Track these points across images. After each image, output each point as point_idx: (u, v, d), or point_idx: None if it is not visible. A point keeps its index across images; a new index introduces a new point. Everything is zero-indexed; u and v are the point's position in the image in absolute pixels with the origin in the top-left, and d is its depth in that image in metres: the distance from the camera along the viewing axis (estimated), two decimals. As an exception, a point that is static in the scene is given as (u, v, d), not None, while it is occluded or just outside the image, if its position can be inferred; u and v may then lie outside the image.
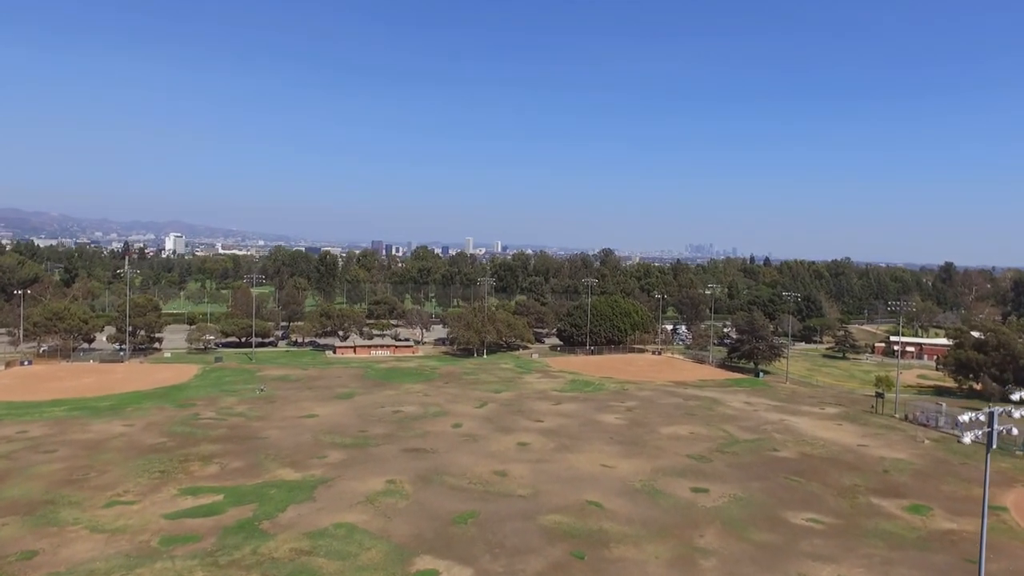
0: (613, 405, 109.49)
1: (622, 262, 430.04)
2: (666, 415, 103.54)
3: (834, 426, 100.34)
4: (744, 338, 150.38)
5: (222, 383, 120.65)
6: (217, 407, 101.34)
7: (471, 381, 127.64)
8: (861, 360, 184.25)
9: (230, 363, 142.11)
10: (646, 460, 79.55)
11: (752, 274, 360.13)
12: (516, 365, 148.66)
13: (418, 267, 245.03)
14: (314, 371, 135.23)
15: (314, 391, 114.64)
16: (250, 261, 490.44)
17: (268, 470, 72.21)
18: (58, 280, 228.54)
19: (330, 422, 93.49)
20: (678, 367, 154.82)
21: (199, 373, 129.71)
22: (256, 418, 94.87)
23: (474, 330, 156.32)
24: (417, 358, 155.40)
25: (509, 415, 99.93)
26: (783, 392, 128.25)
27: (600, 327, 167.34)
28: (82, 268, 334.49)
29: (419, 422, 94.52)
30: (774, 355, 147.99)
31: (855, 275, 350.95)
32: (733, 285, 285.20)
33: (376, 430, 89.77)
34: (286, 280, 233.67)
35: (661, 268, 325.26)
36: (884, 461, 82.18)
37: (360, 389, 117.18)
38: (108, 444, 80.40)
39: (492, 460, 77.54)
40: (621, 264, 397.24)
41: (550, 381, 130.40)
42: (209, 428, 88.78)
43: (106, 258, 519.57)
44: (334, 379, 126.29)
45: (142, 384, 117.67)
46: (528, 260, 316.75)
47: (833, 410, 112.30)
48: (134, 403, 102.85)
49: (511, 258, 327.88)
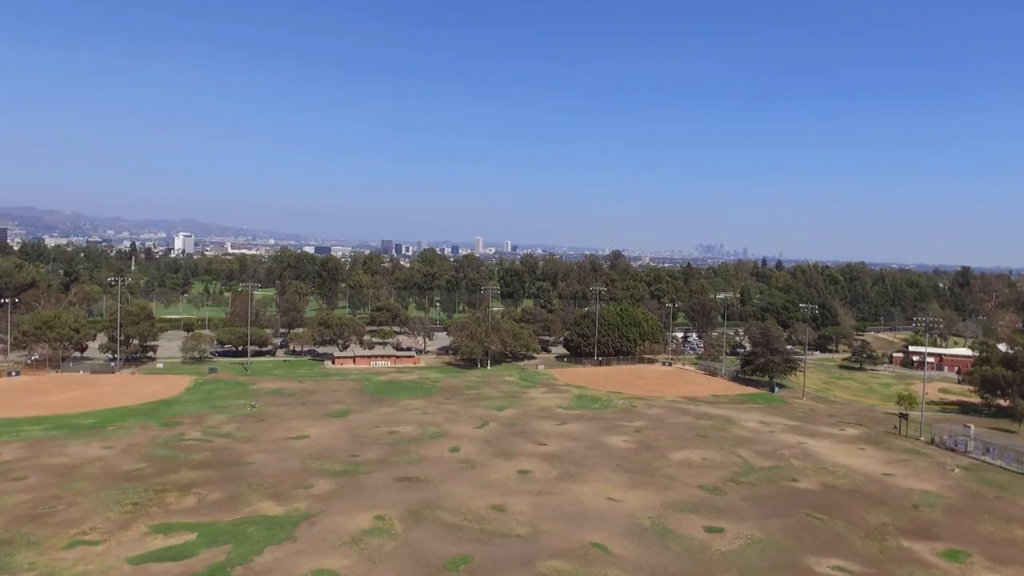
0: (621, 425, 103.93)
1: (632, 263, 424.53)
2: (677, 437, 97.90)
3: (856, 451, 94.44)
4: (758, 351, 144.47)
5: (213, 398, 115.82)
6: (204, 426, 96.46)
7: (473, 396, 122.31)
8: (879, 371, 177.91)
9: (224, 374, 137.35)
10: (656, 492, 74.02)
11: (764, 278, 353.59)
12: (520, 378, 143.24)
13: (423, 272, 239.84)
14: (310, 384, 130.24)
15: (307, 408, 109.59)
16: (256, 262, 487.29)
17: (249, 502, 67.14)
18: (57, 284, 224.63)
19: (320, 445, 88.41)
20: (689, 380, 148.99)
21: (191, 386, 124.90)
22: (243, 439, 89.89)
23: (477, 340, 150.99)
24: (418, 369, 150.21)
25: (510, 437, 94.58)
26: (800, 410, 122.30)
27: (608, 337, 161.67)
28: (84, 270, 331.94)
29: (415, 445, 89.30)
30: (790, 369, 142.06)
31: (870, 280, 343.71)
32: (745, 291, 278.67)
33: (368, 454, 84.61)
34: (288, 285, 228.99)
35: (671, 272, 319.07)
36: (913, 494, 76.33)
37: (356, 406, 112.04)
38: (82, 470, 75.57)
39: (490, 491, 72.21)
40: (631, 267, 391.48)
41: (555, 396, 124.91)
42: (192, 451, 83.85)
43: (112, 258, 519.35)
44: (329, 394, 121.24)
45: (130, 398, 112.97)
46: (536, 264, 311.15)
47: (854, 431, 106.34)
48: (118, 421, 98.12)
49: (519, 261, 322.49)
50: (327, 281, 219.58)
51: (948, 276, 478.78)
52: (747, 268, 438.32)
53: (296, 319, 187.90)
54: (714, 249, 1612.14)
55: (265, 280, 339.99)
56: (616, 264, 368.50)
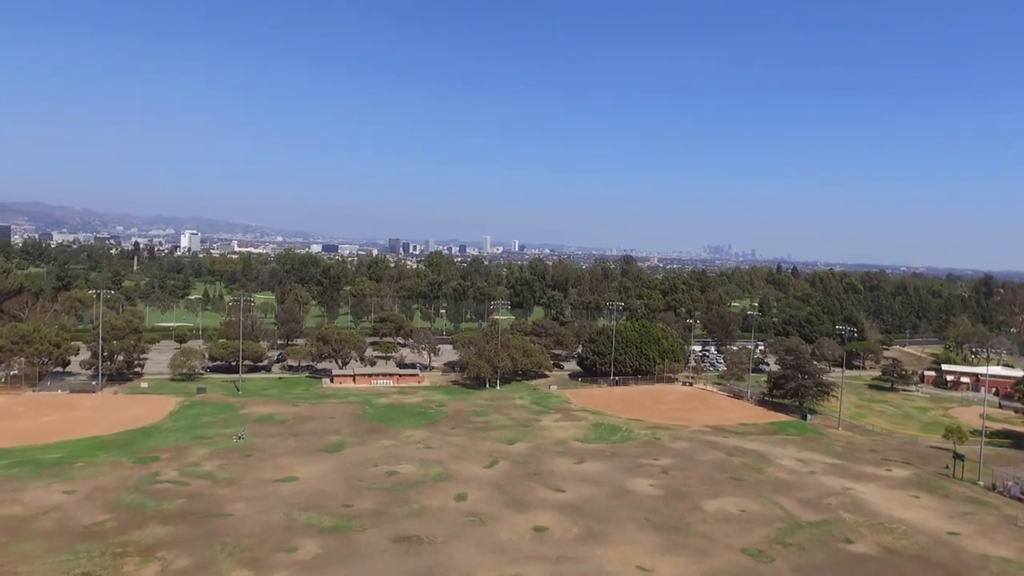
0: (645, 464, 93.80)
1: (639, 264, 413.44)
2: (709, 480, 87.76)
3: (910, 499, 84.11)
4: (789, 373, 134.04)
5: (197, 425, 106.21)
6: (182, 463, 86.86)
7: (480, 425, 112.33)
8: (912, 392, 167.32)
9: (214, 394, 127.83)
10: (692, 558, 63.94)
11: (781, 286, 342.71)
12: (532, 401, 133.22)
13: (429, 280, 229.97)
14: (305, 408, 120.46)
15: (299, 440, 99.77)
16: (261, 261, 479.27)
17: (220, 572, 57.46)
18: (50, 287, 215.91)
19: (310, 489, 78.64)
20: (713, 404, 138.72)
21: (175, 410, 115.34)
22: (224, 482, 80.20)
23: (486, 359, 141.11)
24: (422, 389, 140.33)
25: (523, 480, 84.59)
26: (838, 443, 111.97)
27: (626, 355, 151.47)
28: (82, 271, 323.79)
29: (416, 490, 79.41)
30: (823, 394, 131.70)
31: (890, 288, 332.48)
32: (765, 301, 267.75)
33: (364, 503, 74.79)
34: (287, 291, 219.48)
35: (686, 280, 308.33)
36: (988, 561, 66.02)
37: (352, 437, 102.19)
38: (34, 525, 65.96)
39: (501, 557, 62.28)
40: (643, 273, 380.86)
41: (571, 425, 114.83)
42: (165, 498, 74.20)
43: (115, 258, 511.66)
44: (325, 421, 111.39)
45: (106, 425, 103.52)
46: (546, 270, 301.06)
47: (903, 473, 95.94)
48: (87, 455, 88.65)
49: (528, 267, 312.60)
50: (328, 289, 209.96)
51: (965, 281, 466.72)
52: (762, 274, 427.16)
53: (295, 330, 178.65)
54: (722, 250, 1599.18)
55: (268, 282, 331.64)
56: (628, 270, 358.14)
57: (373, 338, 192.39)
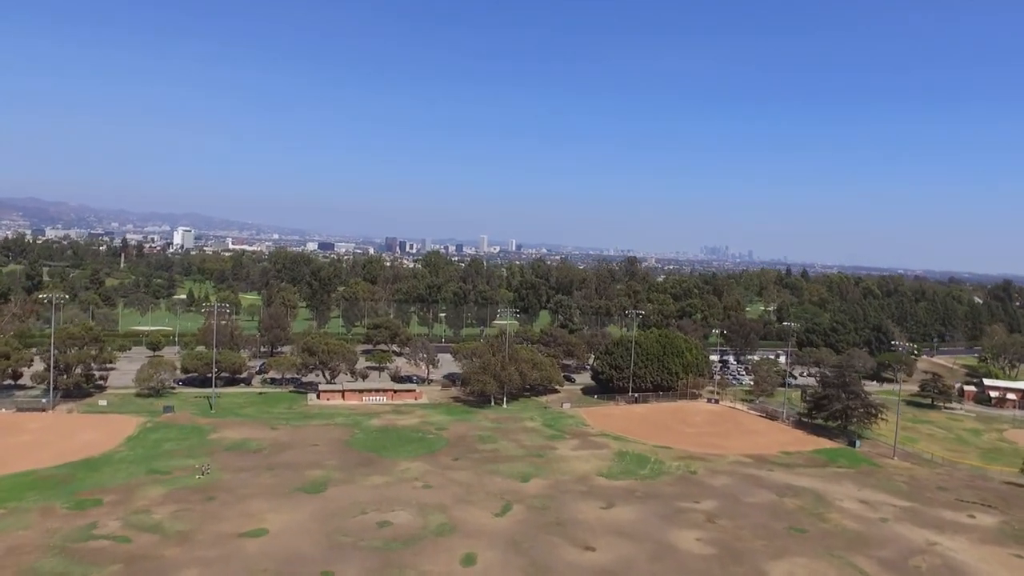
0: (685, 509, 78.78)
1: (638, 264, 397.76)
2: (765, 531, 72.78)
3: (1013, 560, 69.26)
4: (832, 393, 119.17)
5: (156, 455, 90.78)
6: (129, 508, 71.51)
7: (488, 455, 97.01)
8: (955, 411, 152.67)
9: (182, 414, 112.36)
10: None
11: (795, 290, 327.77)
12: (545, 422, 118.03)
13: (427, 283, 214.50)
14: (285, 432, 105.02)
15: (274, 475, 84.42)
16: (254, 260, 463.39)
17: None
18: (19, 289, 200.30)
19: (282, 549, 63.37)
20: (746, 426, 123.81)
21: (134, 434, 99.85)
22: (176, 537, 64.87)
23: (492, 374, 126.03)
24: (420, 407, 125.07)
25: (544, 534, 69.46)
26: (899, 477, 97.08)
27: (646, 369, 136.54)
28: (59, 271, 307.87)
29: (413, 550, 64.26)
30: (872, 417, 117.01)
31: (908, 292, 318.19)
32: (784, 307, 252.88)
33: (348, 569, 59.64)
34: (275, 294, 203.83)
35: (697, 283, 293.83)
36: None
37: (338, 471, 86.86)
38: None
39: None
40: (649, 276, 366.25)
41: (591, 455, 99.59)
42: (96, 562, 58.92)
43: (103, 255, 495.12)
44: (307, 449, 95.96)
45: (49, 455, 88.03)
46: (549, 272, 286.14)
47: (989, 520, 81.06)
48: (15, 498, 73.23)
49: (531, 268, 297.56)
50: (318, 292, 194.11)
51: (974, 285, 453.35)
52: (771, 276, 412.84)
53: (280, 337, 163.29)
54: (719, 251, 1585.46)
55: (258, 282, 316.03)
56: (634, 272, 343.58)
57: (366, 346, 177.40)
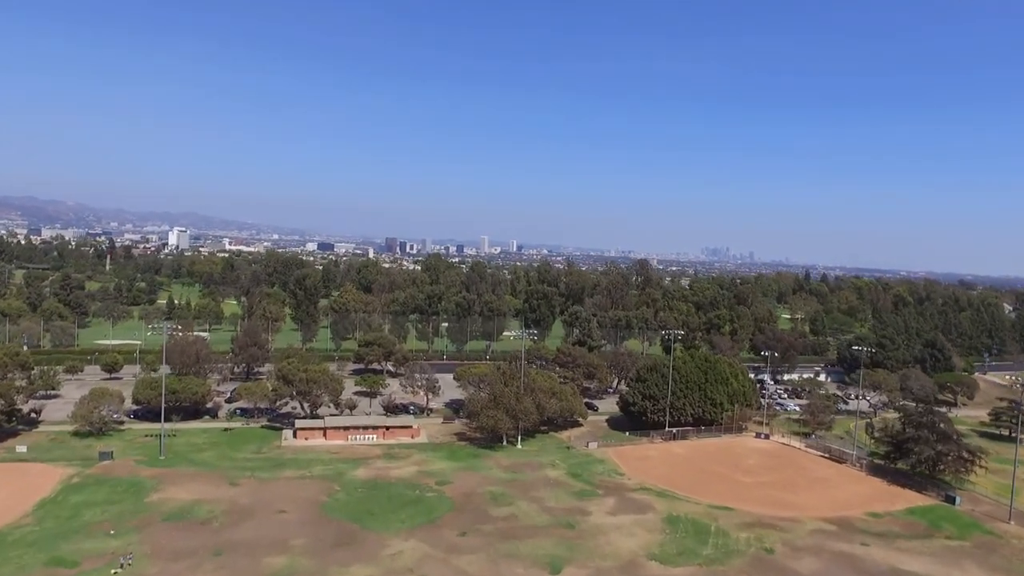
0: (779, 620, 57.50)
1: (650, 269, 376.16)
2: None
3: None
4: (921, 435, 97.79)
5: (69, 531, 69.24)
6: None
7: (504, 527, 75.43)
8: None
9: (121, 463, 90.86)
10: None
11: (820, 296, 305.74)
12: (570, 471, 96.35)
13: (427, 292, 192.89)
14: (247, 488, 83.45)
15: (220, 564, 62.92)
16: (248, 261, 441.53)
17: None
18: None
19: None
20: (811, 471, 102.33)
21: (51, 496, 78.43)
22: None
23: (504, 408, 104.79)
24: (417, 449, 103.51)
25: None
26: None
27: (686, 399, 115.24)
28: (36, 277, 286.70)
29: None
30: (969, 464, 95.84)
31: (940, 299, 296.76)
32: (819, 317, 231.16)
33: None
34: (256, 303, 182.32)
35: (717, 287, 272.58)
36: None
37: (306, 556, 65.33)
38: None
39: None
40: (663, 281, 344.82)
41: (635, 524, 78.03)
42: None
43: (89, 256, 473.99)
44: (271, 519, 74.39)
45: (-72, 532, 66.86)
46: (558, 278, 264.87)
47: None
48: None
49: (538, 273, 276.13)
50: (303, 303, 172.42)
51: (987, 290, 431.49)
52: (788, 280, 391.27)
53: (257, 356, 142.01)
54: (720, 253, 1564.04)
55: (247, 285, 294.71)
56: (648, 277, 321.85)
57: (356, 365, 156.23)
